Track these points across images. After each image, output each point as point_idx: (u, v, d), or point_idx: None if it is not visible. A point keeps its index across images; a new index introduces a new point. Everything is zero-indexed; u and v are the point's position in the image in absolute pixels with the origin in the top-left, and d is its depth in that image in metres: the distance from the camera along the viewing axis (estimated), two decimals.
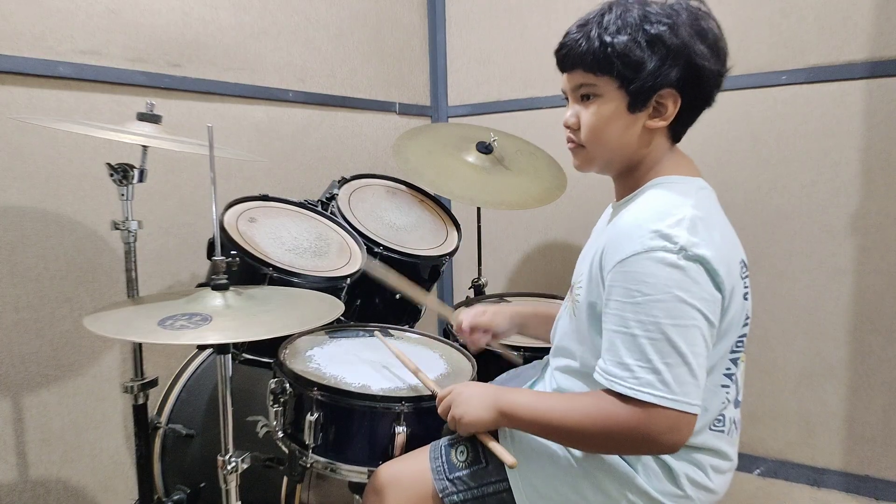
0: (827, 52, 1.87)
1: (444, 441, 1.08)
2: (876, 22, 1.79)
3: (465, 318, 1.28)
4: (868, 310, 1.88)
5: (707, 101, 0.96)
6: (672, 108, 0.93)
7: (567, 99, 1.02)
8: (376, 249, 1.65)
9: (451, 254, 1.80)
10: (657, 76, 0.90)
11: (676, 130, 0.98)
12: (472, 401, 1.00)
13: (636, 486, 0.94)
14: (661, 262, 0.83)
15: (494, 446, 0.99)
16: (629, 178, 1.00)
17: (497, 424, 0.99)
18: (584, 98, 0.97)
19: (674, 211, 0.87)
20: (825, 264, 1.93)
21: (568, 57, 0.96)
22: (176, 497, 1.48)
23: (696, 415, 0.83)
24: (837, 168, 1.88)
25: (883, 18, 1.78)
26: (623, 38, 0.90)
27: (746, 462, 2.09)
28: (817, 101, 1.89)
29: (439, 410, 1.05)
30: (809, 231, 1.94)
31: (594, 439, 0.89)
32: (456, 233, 1.91)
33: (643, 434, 0.83)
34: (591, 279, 0.95)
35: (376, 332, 1.38)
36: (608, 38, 0.90)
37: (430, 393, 1.13)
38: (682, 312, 0.82)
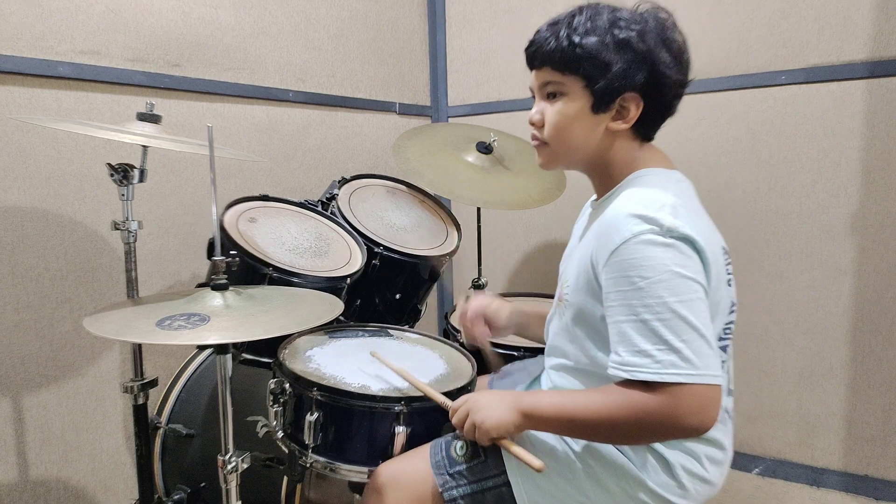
0: (827, 52, 1.87)
1: (444, 438, 1.09)
2: (876, 22, 1.79)
3: (472, 306, 1.29)
4: (868, 310, 1.88)
5: (668, 108, 0.99)
6: (634, 111, 0.96)
7: (534, 97, 1.04)
8: (376, 249, 1.65)
9: (451, 254, 1.80)
10: (622, 79, 0.93)
11: (642, 132, 1.00)
12: (492, 406, 0.97)
13: (634, 479, 0.95)
14: (652, 243, 0.84)
15: (518, 451, 0.96)
16: (604, 177, 1.02)
17: (520, 428, 0.97)
18: (550, 96, 0.99)
19: (655, 199, 0.89)
20: (825, 264, 1.93)
21: (537, 54, 0.99)
22: (176, 497, 1.48)
23: (720, 385, 0.84)
24: (837, 168, 1.88)
25: (883, 18, 1.78)
26: (592, 39, 0.92)
27: (745, 461, 2.09)
28: (817, 101, 1.89)
29: (454, 421, 1.02)
30: (809, 231, 1.94)
31: (625, 431, 0.88)
32: (456, 233, 1.91)
33: (675, 417, 0.83)
34: (579, 278, 0.97)
35: (373, 353, 1.29)
36: (577, 39, 0.93)
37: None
38: (685, 287, 0.84)
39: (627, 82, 0.93)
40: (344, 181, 1.86)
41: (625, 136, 0.99)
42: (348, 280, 1.50)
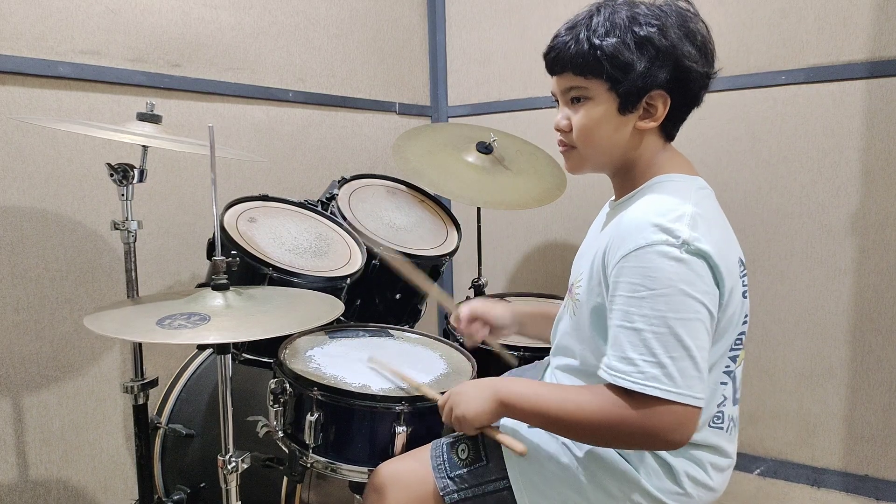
0: (827, 52, 1.87)
1: (445, 439, 1.09)
2: (876, 22, 1.79)
3: (465, 308, 1.27)
4: (868, 310, 1.88)
5: (695, 101, 0.97)
6: (662, 109, 0.94)
7: (557, 101, 1.02)
8: (376, 249, 1.65)
9: (451, 254, 1.80)
10: (646, 78, 0.90)
11: (668, 130, 0.99)
12: (470, 397, 0.99)
13: (637, 485, 0.94)
14: (664, 255, 0.83)
15: (502, 437, 0.99)
16: (626, 178, 1.01)
17: (498, 415, 0.98)
18: (575, 101, 0.97)
19: (675, 208, 0.88)
20: (825, 264, 1.93)
21: (557, 60, 0.96)
22: (176, 497, 1.48)
23: (700, 408, 0.83)
24: (837, 168, 1.88)
25: (883, 18, 1.78)
26: (612, 40, 0.90)
27: (746, 462, 2.09)
28: (817, 101, 1.89)
29: (443, 417, 1.05)
30: (809, 231, 1.94)
31: (598, 433, 0.88)
32: (456, 233, 1.91)
33: (648, 429, 0.82)
34: (591, 278, 0.96)
35: (370, 359, 1.29)
36: (597, 41, 0.90)
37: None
38: (686, 306, 0.83)
39: (652, 81, 0.91)
40: (344, 181, 1.86)
41: (652, 135, 0.97)
42: (348, 280, 1.50)
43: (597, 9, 0.93)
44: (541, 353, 1.38)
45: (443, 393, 1.10)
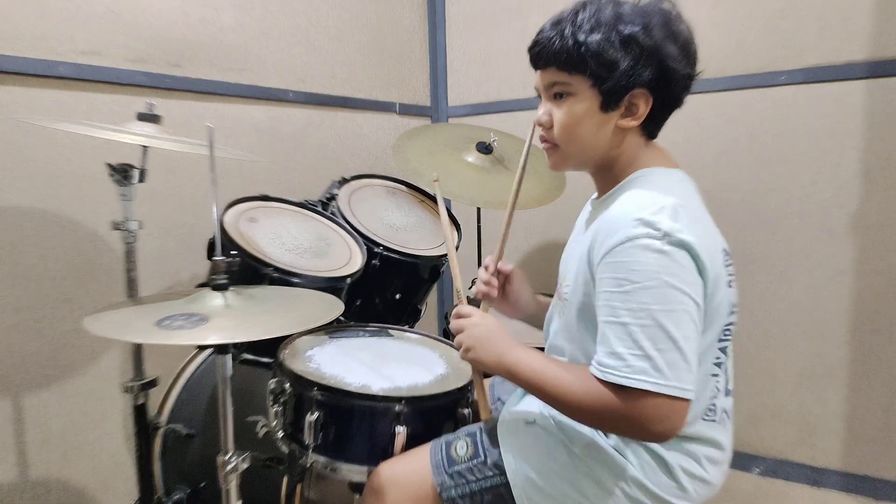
0: (826, 53, 1.87)
1: (444, 438, 1.09)
2: (876, 22, 1.79)
3: (507, 264, 1.29)
4: (868, 310, 1.87)
5: (677, 101, 0.97)
6: (644, 107, 0.94)
7: (540, 97, 1.02)
8: (376, 249, 1.65)
9: None
10: (630, 76, 0.91)
11: (649, 129, 0.99)
12: (484, 344, 1.02)
13: (633, 479, 0.95)
14: (647, 248, 0.83)
15: (480, 397, 1.05)
16: (608, 175, 1.01)
17: (497, 373, 1.02)
18: (557, 97, 0.98)
19: (656, 200, 0.88)
20: (825, 264, 1.93)
21: (541, 55, 0.97)
22: (176, 497, 1.48)
23: (689, 400, 0.83)
24: (837, 168, 1.88)
25: (883, 18, 1.78)
26: (597, 37, 0.90)
27: (746, 461, 2.09)
28: (817, 101, 1.89)
29: (451, 325, 1.08)
30: (809, 231, 1.94)
31: (587, 417, 0.90)
32: (456, 233, 1.91)
33: (636, 421, 0.83)
34: (578, 277, 0.96)
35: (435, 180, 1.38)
36: (582, 37, 0.91)
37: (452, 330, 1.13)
38: (671, 297, 0.83)
39: (635, 79, 0.91)
40: (344, 181, 1.86)
41: (633, 134, 0.98)
42: (348, 280, 1.50)
43: (582, 5, 0.94)
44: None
45: (471, 301, 1.16)
